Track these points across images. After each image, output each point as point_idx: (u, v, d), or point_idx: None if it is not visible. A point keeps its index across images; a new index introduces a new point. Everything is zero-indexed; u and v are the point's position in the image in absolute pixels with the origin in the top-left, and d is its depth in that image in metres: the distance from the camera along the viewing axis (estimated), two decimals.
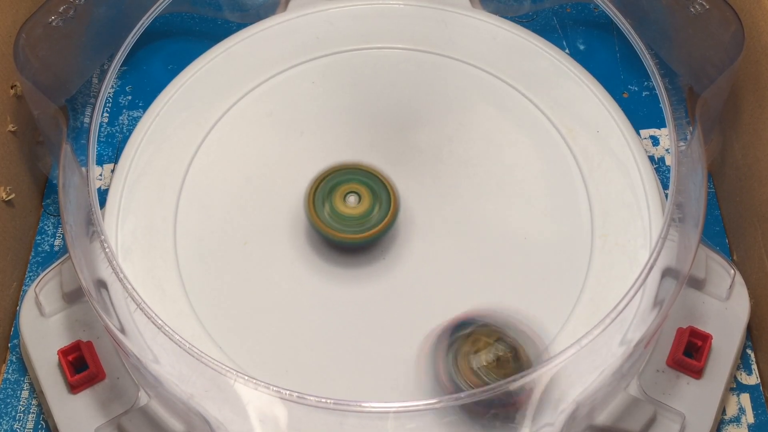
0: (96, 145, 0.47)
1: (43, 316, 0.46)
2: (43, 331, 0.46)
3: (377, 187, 0.47)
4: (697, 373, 0.44)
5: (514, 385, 0.39)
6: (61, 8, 0.50)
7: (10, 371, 0.49)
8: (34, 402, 0.48)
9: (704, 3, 0.50)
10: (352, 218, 0.47)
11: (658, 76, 0.48)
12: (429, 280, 0.47)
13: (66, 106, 0.50)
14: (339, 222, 0.47)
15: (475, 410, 0.41)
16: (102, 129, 0.57)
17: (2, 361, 0.49)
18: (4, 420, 0.47)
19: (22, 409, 0.48)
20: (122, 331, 0.42)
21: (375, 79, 0.54)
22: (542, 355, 0.42)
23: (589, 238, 0.47)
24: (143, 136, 0.51)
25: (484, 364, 0.41)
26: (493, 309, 0.44)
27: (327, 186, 0.47)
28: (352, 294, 0.47)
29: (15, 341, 0.50)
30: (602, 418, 0.42)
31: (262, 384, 0.39)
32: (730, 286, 0.47)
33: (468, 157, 0.51)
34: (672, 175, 0.45)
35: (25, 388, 0.48)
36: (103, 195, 0.51)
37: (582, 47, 0.60)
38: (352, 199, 0.47)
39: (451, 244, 0.48)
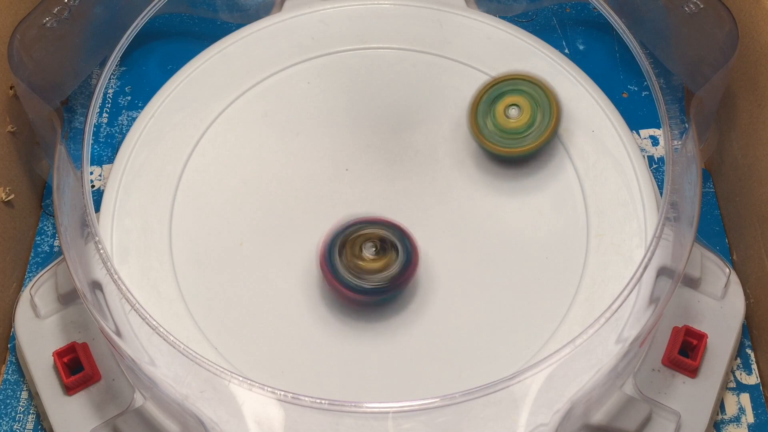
0: (90, 146, 0.47)
1: (39, 318, 0.46)
2: (39, 332, 0.46)
3: (539, 97, 0.48)
4: (693, 372, 0.44)
5: (512, 382, 0.39)
6: (56, 9, 0.50)
7: (9, 372, 0.49)
8: (33, 402, 0.48)
9: (699, 2, 0.50)
10: (514, 132, 0.48)
11: (652, 76, 0.48)
12: (424, 279, 0.47)
13: (61, 108, 0.51)
14: (502, 136, 0.48)
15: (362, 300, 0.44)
16: (101, 129, 0.57)
17: (2, 362, 0.49)
18: (3, 421, 0.47)
19: (22, 409, 0.48)
20: (117, 332, 0.42)
21: (370, 80, 0.54)
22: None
23: (585, 238, 0.47)
24: (138, 137, 0.51)
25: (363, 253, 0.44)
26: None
27: (488, 100, 0.49)
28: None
29: (15, 342, 0.50)
30: (598, 417, 0.42)
31: (257, 385, 0.39)
32: (726, 285, 0.47)
33: (463, 157, 0.51)
34: (666, 174, 0.45)
35: (24, 389, 0.48)
36: (102, 196, 0.51)
37: (581, 47, 0.60)
38: (513, 111, 0.48)
39: (446, 243, 0.48)
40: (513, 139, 0.48)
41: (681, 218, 0.43)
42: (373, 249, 0.45)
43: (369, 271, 0.44)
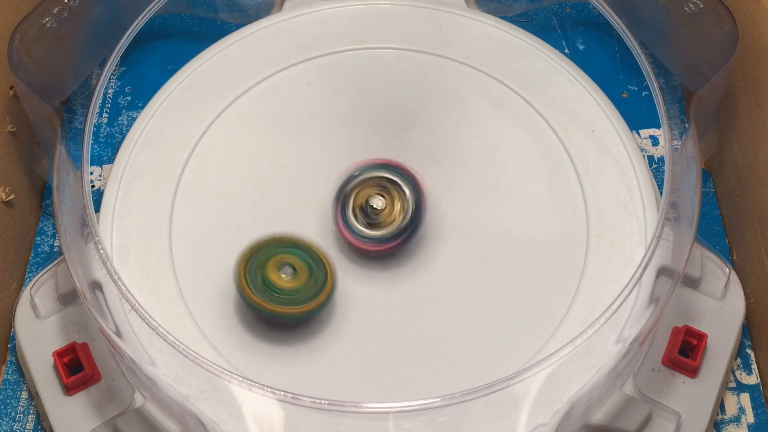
0: (90, 146, 0.47)
1: (39, 318, 0.46)
2: (39, 332, 0.46)
3: (313, 262, 0.45)
4: (693, 372, 0.44)
5: (512, 382, 0.39)
6: (56, 9, 0.50)
7: (9, 372, 0.49)
8: (34, 403, 0.48)
9: (699, 2, 0.50)
10: (286, 291, 0.44)
11: (652, 76, 0.48)
12: (423, 279, 0.47)
13: (61, 108, 0.51)
14: (272, 294, 0.44)
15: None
16: (101, 130, 0.57)
17: (2, 362, 0.49)
18: (3, 420, 0.47)
19: (22, 409, 0.48)
20: (117, 332, 0.42)
21: (371, 80, 0.54)
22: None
23: (585, 238, 0.47)
24: (138, 137, 0.51)
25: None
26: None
27: (260, 258, 0.44)
28: (348, 294, 0.46)
29: (15, 342, 0.50)
30: (598, 417, 0.42)
31: (257, 385, 0.39)
32: (726, 285, 0.47)
33: (463, 156, 0.51)
34: (666, 174, 0.45)
35: (24, 389, 0.48)
36: (102, 196, 0.51)
37: (582, 47, 0.60)
38: (288, 270, 0.44)
39: (446, 243, 0.48)
40: (286, 298, 0.44)
41: (681, 218, 0.43)
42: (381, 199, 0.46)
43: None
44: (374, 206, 0.46)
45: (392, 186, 0.46)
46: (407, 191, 0.46)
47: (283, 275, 0.44)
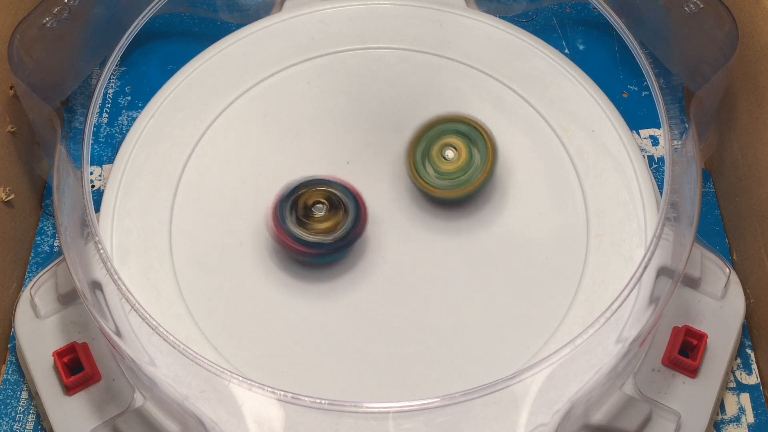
0: (90, 146, 0.47)
1: (39, 318, 0.46)
2: (39, 332, 0.46)
3: (475, 137, 0.48)
4: (693, 372, 0.44)
5: (512, 382, 0.39)
6: (56, 9, 0.50)
7: (9, 372, 0.49)
8: (33, 403, 0.48)
9: (699, 2, 0.50)
10: (451, 174, 0.47)
11: (652, 75, 0.48)
12: (425, 280, 0.47)
13: (61, 108, 0.51)
14: (441, 178, 0.47)
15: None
16: (101, 130, 0.57)
17: (2, 362, 0.49)
18: (3, 420, 0.47)
19: (22, 409, 0.48)
20: (117, 332, 0.42)
21: (371, 80, 0.54)
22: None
23: (585, 238, 0.47)
24: (138, 137, 0.51)
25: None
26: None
27: (425, 142, 0.48)
28: (348, 294, 0.47)
29: (15, 342, 0.50)
30: (598, 417, 0.42)
31: (257, 384, 0.39)
32: (726, 285, 0.47)
33: None
34: (666, 174, 0.45)
35: (24, 389, 0.48)
36: (102, 196, 0.51)
37: (581, 47, 0.60)
38: (450, 153, 0.47)
39: (446, 243, 0.48)
40: (450, 180, 0.47)
41: (681, 218, 0.43)
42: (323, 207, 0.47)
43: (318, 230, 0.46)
44: (315, 212, 0.46)
45: (336, 200, 0.47)
46: (350, 208, 0.46)
47: (445, 159, 0.47)
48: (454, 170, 0.47)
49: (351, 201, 0.46)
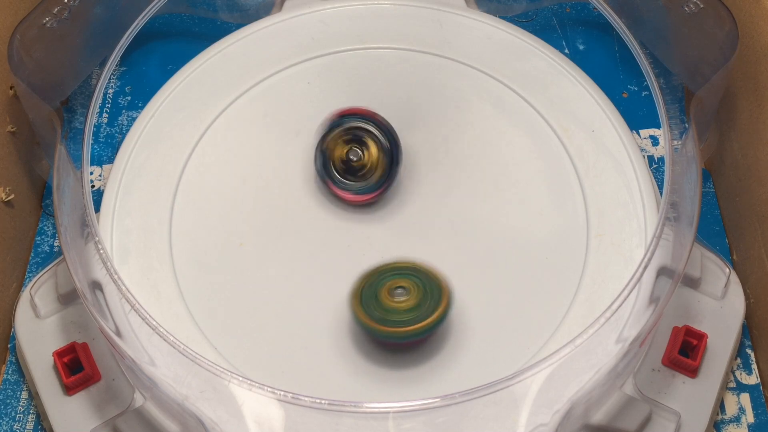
0: (90, 146, 0.47)
1: (39, 318, 0.46)
2: (39, 332, 0.46)
3: (426, 281, 0.44)
4: (693, 372, 0.44)
5: (512, 382, 0.39)
6: (56, 9, 0.50)
7: (9, 372, 0.49)
8: (33, 403, 0.48)
9: (699, 2, 0.50)
10: (400, 312, 0.43)
11: (652, 75, 0.48)
12: None
13: (61, 108, 0.51)
14: (388, 316, 0.43)
15: None
16: (101, 130, 0.57)
17: (2, 362, 0.49)
18: (3, 420, 0.47)
19: (22, 409, 0.48)
20: (117, 332, 0.42)
21: (371, 80, 0.54)
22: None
23: (585, 238, 0.47)
24: (138, 137, 0.51)
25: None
26: None
27: (373, 284, 0.44)
28: (346, 294, 0.46)
29: (15, 342, 0.50)
30: (598, 417, 0.42)
31: (257, 384, 0.39)
32: (726, 285, 0.46)
33: (464, 157, 0.51)
34: (666, 174, 0.45)
35: (24, 389, 0.48)
36: (102, 196, 0.51)
37: (581, 47, 0.60)
38: (400, 292, 0.44)
39: (447, 243, 0.48)
40: (399, 320, 0.43)
41: (681, 218, 0.43)
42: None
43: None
44: (352, 158, 0.47)
45: (367, 135, 0.47)
46: (382, 140, 0.47)
47: (396, 298, 0.43)
48: (404, 309, 0.43)
49: (381, 132, 0.47)
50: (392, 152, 0.47)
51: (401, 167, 0.48)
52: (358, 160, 0.47)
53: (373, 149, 0.47)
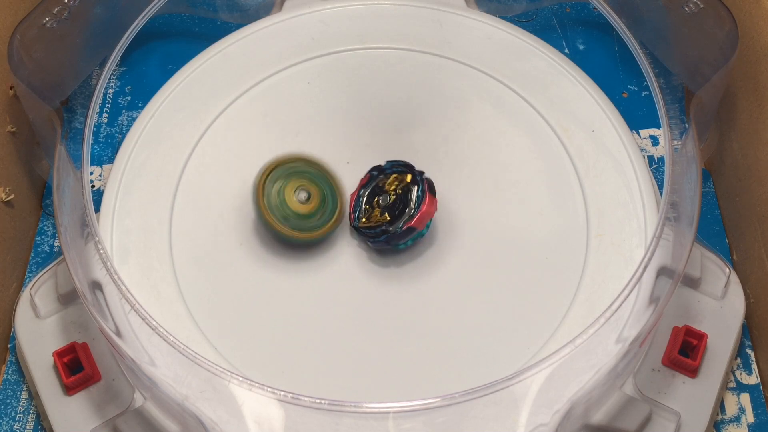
0: (90, 146, 0.47)
1: (39, 318, 0.46)
2: (39, 332, 0.46)
3: (323, 183, 0.47)
4: (693, 372, 0.44)
5: (512, 382, 0.39)
6: (56, 9, 0.50)
7: (9, 372, 0.49)
8: (34, 403, 0.48)
9: (699, 2, 0.50)
10: (303, 216, 0.47)
11: (652, 75, 0.48)
12: (424, 280, 0.47)
13: (61, 108, 0.50)
14: (291, 219, 0.46)
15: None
16: (101, 130, 0.57)
17: (2, 362, 0.49)
18: (3, 420, 0.47)
19: (22, 409, 0.48)
20: (117, 332, 0.42)
21: (370, 80, 0.54)
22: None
23: (585, 238, 0.47)
24: (138, 137, 0.51)
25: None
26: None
27: (274, 179, 0.47)
28: (348, 294, 0.47)
29: (15, 342, 0.50)
30: (598, 417, 0.42)
31: (257, 385, 0.39)
32: (726, 285, 0.46)
33: (464, 157, 0.51)
34: (666, 174, 0.45)
35: (24, 389, 0.48)
36: (102, 196, 0.51)
37: (582, 47, 0.60)
38: (302, 195, 0.47)
39: (446, 244, 0.48)
40: (301, 222, 0.46)
41: (681, 218, 0.43)
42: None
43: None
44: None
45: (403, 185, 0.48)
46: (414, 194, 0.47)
47: (297, 200, 0.46)
48: (307, 213, 0.47)
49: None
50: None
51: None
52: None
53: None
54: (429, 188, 0.46)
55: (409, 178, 0.46)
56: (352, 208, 0.48)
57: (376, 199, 0.47)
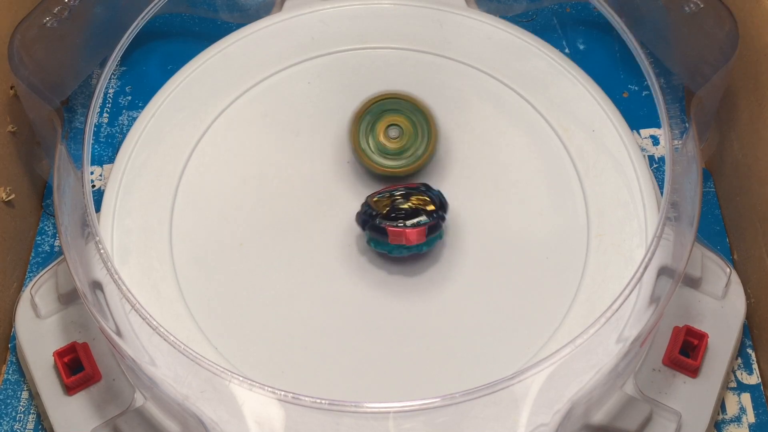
0: (90, 146, 0.47)
1: (39, 318, 0.46)
2: (39, 332, 0.46)
3: (418, 120, 0.49)
4: (694, 371, 0.44)
5: (512, 382, 0.39)
6: (56, 9, 0.50)
7: (10, 372, 0.49)
8: (34, 402, 0.48)
9: (699, 2, 0.50)
10: (393, 152, 0.49)
11: (652, 75, 0.48)
12: (424, 279, 0.47)
13: (61, 108, 0.50)
14: (381, 155, 0.49)
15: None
16: (102, 129, 0.57)
17: (2, 362, 0.49)
18: (4, 420, 0.47)
19: (22, 409, 0.48)
20: (118, 332, 0.42)
21: (371, 80, 0.54)
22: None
23: (585, 238, 0.47)
24: (139, 137, 0.51)
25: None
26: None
27: (370, 116, 0.50)
28: (348, 294, 0.47)
29: (15, 342, 0.49)
30: (598, 417, 0.42)
31: (258, 384, 0.39)
32: (726, 285, 0.46)
33: (464, 157, 0.51)
34: (667, 174, 0.44)
35: (25, 389, 0.48)
36: (102, 196, 0.51)
37: (582, 47, 0.60)
38: (393, 132, 0.49)
39: (446, 243, 0.48)
40: (391, 158, 0.49)
41: (681, 218, 0.43)
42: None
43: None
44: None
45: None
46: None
47: (389, 137, 0.49)
48: (398, 148, 0.49)
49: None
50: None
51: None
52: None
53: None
54: (428, 229, 0.46)
55: (429, 208, 0.46)
56: (384, 190, 0.48)
57: (395, 199, 0.47)
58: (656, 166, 0.55)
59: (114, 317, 0.43)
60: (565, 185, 0.49)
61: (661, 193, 0.46)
